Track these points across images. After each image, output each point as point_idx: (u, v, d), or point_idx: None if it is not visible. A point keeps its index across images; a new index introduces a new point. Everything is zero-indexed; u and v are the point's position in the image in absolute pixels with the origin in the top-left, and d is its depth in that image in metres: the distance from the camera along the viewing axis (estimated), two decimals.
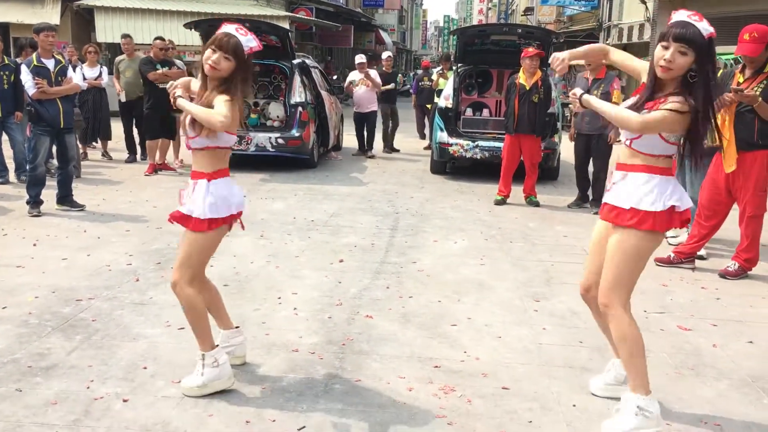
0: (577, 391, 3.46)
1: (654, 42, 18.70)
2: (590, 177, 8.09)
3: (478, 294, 4.94)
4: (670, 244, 6.38)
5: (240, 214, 3.40)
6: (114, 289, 4.77)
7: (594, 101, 3.09)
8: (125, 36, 10.59)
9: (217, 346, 3.42)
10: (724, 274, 5.48)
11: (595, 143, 7.75)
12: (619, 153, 3.18)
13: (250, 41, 3.31)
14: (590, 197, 8.10)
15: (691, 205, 3.14)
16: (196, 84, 3.45)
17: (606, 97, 6.93)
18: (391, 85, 13.13)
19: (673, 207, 2.99)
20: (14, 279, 4.90)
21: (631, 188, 3.03)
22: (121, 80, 10.20)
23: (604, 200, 3.21)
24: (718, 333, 4.32)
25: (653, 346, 4.04)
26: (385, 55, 14.11)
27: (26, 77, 6.83)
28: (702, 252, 6.00)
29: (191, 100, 3.29)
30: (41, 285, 4.77)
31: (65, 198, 7.15)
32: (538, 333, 4.24)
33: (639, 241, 3.04)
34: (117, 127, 10.72)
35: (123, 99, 10.23)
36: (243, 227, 3.55)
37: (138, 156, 10.56)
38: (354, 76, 12.19)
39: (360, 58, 12.30)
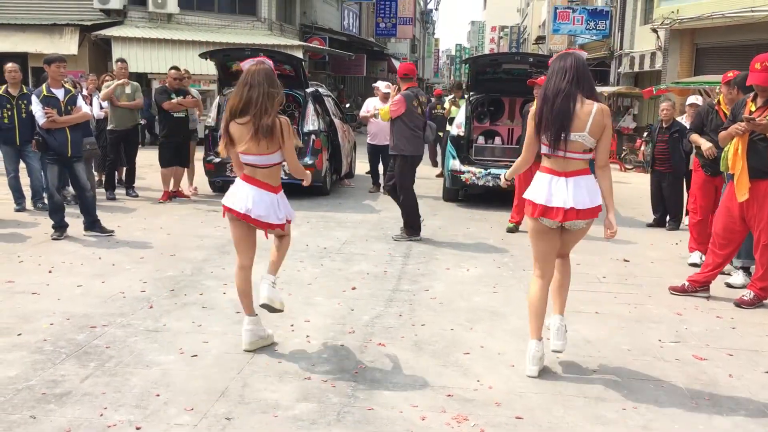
0: (591, 422, 3.43)
1: (666, 70, 18.78)
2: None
3: (490, 322, 4.92)
4: (690, 265, 6.32)
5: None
6: (128, 316, 4.80)
7: None
8: (120, 60, 10.26)
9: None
10: (740, 303, 5.43)
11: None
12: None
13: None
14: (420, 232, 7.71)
15: (553, 203, 3.86)
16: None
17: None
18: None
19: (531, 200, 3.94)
20: (30, 306, 4.94)
21: None
22: (113, 110, 9.67)
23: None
24: (734, 363, 4.27)
25: (669, 376, 4.02)
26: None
27: (36, 107, 6.96)
28: (739, 280, 6.00)
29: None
30: (56, 312, 4.81)
31: (93, 224, 7.26)
32: (552, 361, 4.21)
33: None
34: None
35: (102, 119, 9.73)
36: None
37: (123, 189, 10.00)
38: (374, 103, 11.23)
39: (386, 87, 11.17)
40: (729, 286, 5.98)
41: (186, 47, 19.08)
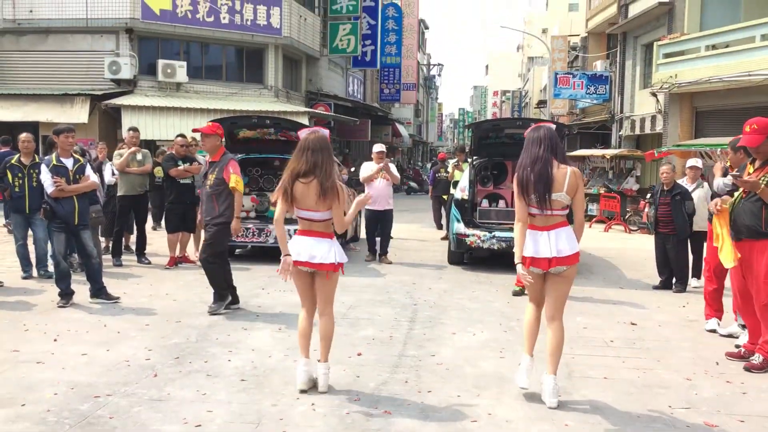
0: None
1: (666, 132, 19.03)
2: None
3: (498, 388, 4.87)
4: (709, 331, 6.21)
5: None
6: (132, 384, 4.76)
7: None
8: (132, 129, 10.39)
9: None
10: (749, 368, 5.37)
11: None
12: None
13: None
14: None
15: (540, 255, 4.48)
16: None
17: (221, 182, 6.84)
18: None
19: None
20: (34, 375, 4.92)
21: None
22: (122, 176, 9.81)
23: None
24: (746, 429, 4.20)
25: None
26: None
27: (45, 176, 7.09)
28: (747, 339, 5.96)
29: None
30: (60, 381, 4.78)
31: (99, 291, 7.29)
32: (561, 429, 4.15)
33: None
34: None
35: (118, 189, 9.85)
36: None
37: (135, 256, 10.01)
38: (369, 167, 10.71)
39: (379, 147, 10.87)
40: (738, 347, 5.92)
41: (194, 115, 19.46)
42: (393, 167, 10.96)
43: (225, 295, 7.09)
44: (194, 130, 7.78)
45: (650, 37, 21.16)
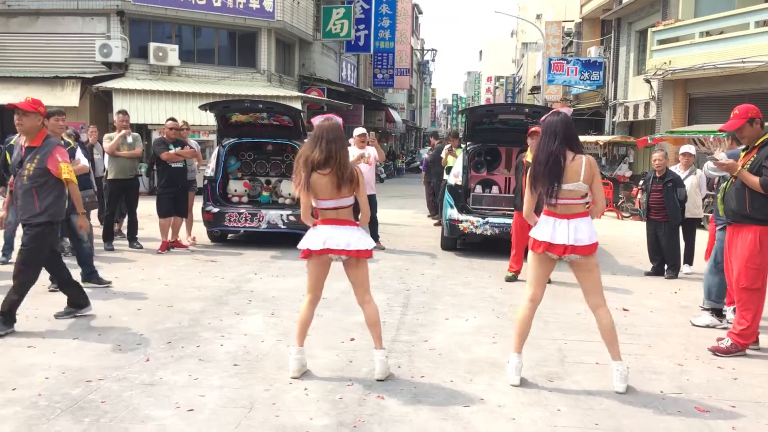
0: None
1: (660, 119, 19.04)
2: None
3: (490, 374, 4.88)
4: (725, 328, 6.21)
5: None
6: (124, 369, 4.75)
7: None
8: (121, 112, 10.23)
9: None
10: (714, 350, 5.43)
11: None
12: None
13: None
14: None
15: (557, 241, 4.53)
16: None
17: (43, 172, 5.60)
18: None
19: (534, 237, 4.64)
20: (25, 359, 4.89)
21: None
22: (112, 159, 9.61)
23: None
24: (737, 415, 4.22)
25: (672, 429, 3.96)
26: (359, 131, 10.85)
27: None
28: (705, 321, 6.15)
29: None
30: (52, 365, 4.76)
31: (90, 275, 7.24)
32: (553, 414, 4.16)
33: None
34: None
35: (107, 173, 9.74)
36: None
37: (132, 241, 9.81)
38: (351, 152, 9.88)
39: (360, 130, 10.63)
40: (693, 324, 6.22)
41: (186, 98, 19.34)
42: (374, 150, 10.58)
43: (12, 318, 5.61)
44: (8, 106, 6.05)
45: (645, 23, 21.13)
